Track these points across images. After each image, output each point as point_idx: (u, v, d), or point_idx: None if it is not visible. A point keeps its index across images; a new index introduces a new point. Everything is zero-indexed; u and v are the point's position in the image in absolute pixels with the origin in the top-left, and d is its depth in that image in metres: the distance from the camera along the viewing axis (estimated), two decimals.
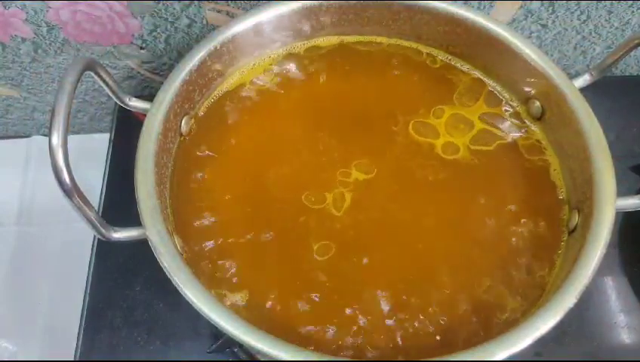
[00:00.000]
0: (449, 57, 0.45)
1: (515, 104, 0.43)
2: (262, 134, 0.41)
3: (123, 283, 0.47)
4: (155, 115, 0.37)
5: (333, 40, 0.45)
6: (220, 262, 0.36)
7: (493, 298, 0.35)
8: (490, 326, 0.34)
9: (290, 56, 0.45)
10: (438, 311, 0.35)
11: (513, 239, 0.37)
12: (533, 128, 0.42)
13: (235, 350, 0.44)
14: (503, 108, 0.43)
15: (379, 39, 0.45)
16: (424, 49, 0.45)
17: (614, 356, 0.46)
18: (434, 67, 0.45)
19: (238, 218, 0.38)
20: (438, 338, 0.34)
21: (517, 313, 0.35)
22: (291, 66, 0.44)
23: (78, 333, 0.46)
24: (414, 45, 0.45)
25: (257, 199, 0.39)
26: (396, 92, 0.44)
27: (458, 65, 0.44)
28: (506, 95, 0.43)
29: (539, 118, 0.41)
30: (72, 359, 0.45)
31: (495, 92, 0.43)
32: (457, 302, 0.35)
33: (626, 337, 0.46)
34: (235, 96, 0.43)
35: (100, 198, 0.51)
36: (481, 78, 0.44)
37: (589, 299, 0.47)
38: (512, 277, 0.36)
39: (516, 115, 0.42)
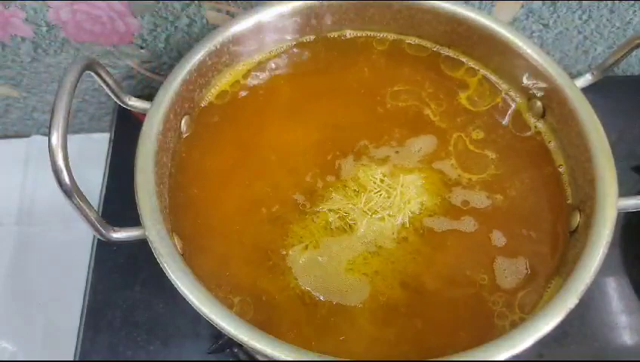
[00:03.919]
0: (456, 53, 0.44)
1: (516, 103, 0.43)
2: (263, 132, 0.41)
3: (123, 283, 0.47)
4: (155, 115, 0.37)
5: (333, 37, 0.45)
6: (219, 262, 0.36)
7: None
8: None
9: (290, 54, 0.44)
10: None
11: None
12: (536, 126, 0.41)
13: (235, 350, 0.44)
14: (505, 106, 0.43)
15: (381, 37, 0.45)
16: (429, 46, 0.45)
17: (616, 357, 0.45)
18: (437, 65, 0.44)
19: (239, 218, 0.38)
20: None
21: None
22: (292, 64, 0.44)
23: (78, 333, 0.45)
24: (416, 43, 0.45)
25: (259, 197, 0.38)
26: (401, 91, 0.44)
27: (464, 60, 0.44)
28: (506, 89, 0.43)
29: (540, 118, 0.41)
30: (72, 359, 0.45)
31: (494, 87, 0.43)
32: None
33: (627, 338, 0.46)
34: (235, 95, 0.43)
35: (100, 198, 0.51)
36: (487, 75, 0.44)
37: (590, 299, 0.47)
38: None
39: (517, 113, 0.42)
